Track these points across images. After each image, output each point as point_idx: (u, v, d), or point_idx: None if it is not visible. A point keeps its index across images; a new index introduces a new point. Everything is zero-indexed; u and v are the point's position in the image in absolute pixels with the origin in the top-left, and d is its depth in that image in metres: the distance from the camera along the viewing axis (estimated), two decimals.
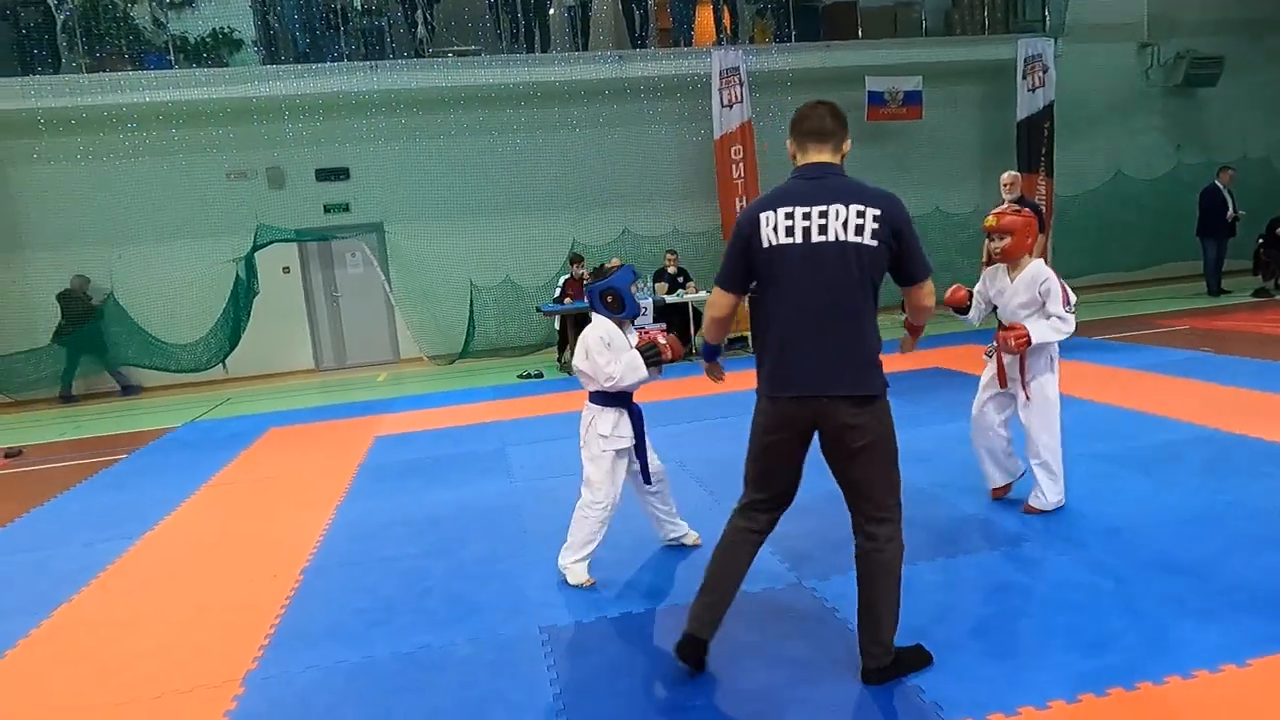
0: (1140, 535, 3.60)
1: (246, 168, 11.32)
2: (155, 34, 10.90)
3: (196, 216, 11.14)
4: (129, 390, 11.01)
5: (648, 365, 3.48)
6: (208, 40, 10.88)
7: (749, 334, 10.80)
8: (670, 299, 9.94)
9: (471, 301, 11.56)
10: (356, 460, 6.21)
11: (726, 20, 12.34)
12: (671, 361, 3.54)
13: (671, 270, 10.50)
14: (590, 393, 3.61)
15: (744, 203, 11.81)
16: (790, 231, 2.42)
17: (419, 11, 11.35)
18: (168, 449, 7.30)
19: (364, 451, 6.48)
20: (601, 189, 12.15)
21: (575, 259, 10.44)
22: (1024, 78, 12.46)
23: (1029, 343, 3.74)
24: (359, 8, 11.42)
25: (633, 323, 3.70)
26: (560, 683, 2.80)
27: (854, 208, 2.40)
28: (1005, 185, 8.21)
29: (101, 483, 6.26)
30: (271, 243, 10.89)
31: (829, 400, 2.46)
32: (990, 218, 3.88)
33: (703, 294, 10.29)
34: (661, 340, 3.53)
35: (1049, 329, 3.77)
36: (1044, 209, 11.86)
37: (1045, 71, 12.43)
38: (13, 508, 5.67)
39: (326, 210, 11.61)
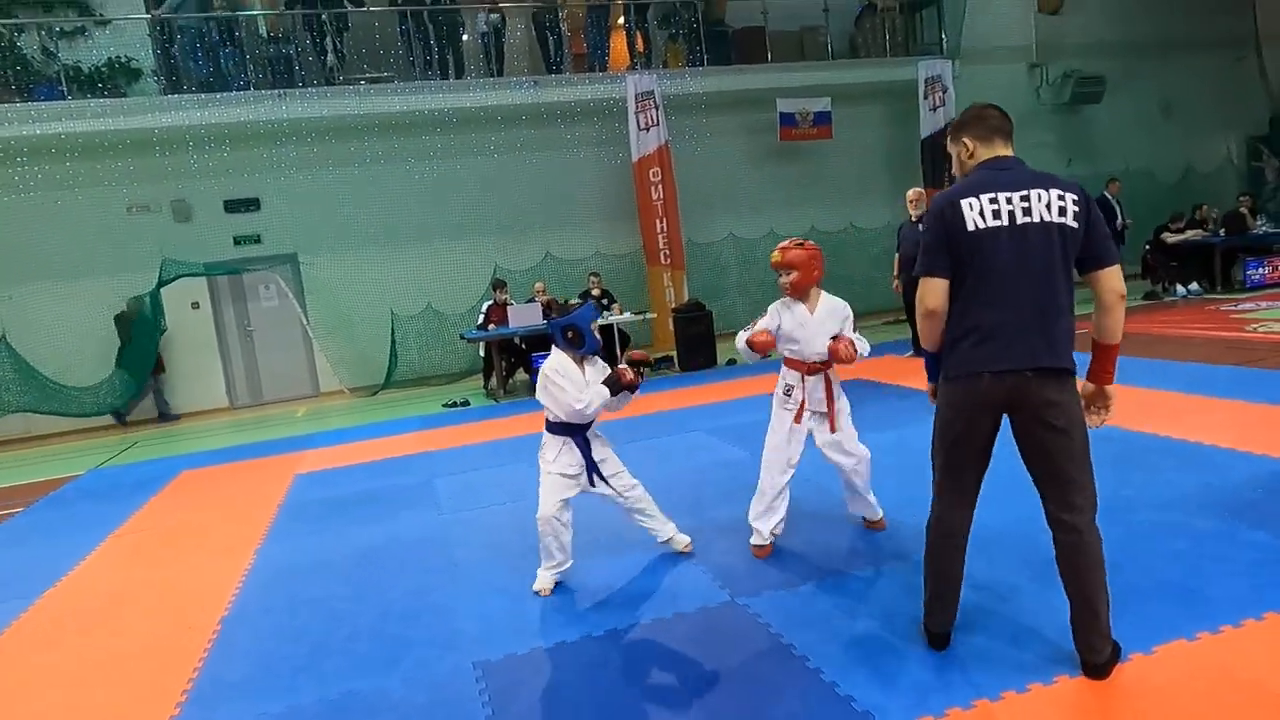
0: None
1: (149, 201, 10.89)
2: (45, 64, 10.42)
3: (97, 253, 10.64)
4: (165, 418, 10.80)
5: (613, 394, 3.65)
6: (103, 70, 10.46)
7: (675, 354, 10.81)
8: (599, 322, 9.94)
9: (393, 331, 11.34)
10: (276, 500, 5.98)
11: (640, 44, 12.54)
12: (633, 385, 3.69)
13: (596, 293, 10.52)
14: (546, 420, 3.77)
15: (664, 224, 11.98)
16: (996, 214, 2.50)
17: (328, 39, 11.17)
18: (70, 499, 6.90)
19: (284, 491, 6.25)
20: (522, 213, 12.13)
21: (498, 284, 10.38)
22: (925, 97, 13.04)
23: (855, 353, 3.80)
24: (265, 35, 11.16)
25: (591, 358, 3.81)
26: (496, 718, 2.74)
27: (1054, 191, 2.50)
28: (911, 201, 8.54)
29: None
30: (178, 278, 10.47)
31: (1033, 375, 2.47)
32: (775, 253, 3.85)
33: (627, 315, 10.35)
34: (625, 369, 3.71)
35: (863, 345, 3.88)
36: None
37: (945, 91, 13.03)
38: None
39: (237, 242, 11.25)
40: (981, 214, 2.51)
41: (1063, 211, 2.49)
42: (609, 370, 3.79)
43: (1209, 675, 2.54)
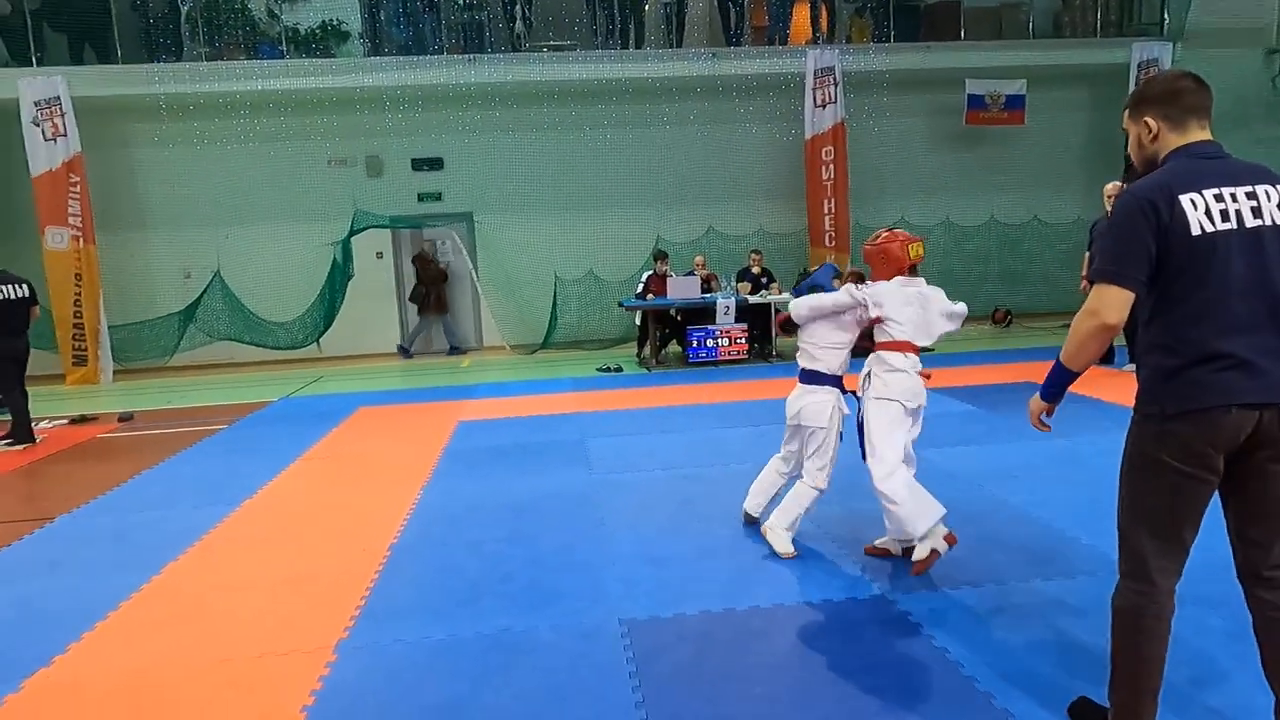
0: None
1: (347, 155, 11.75)
2: (270, 25, 11.41)
3: (299, 201, 11.63)
4: (455, 351, 11.97)
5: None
6: (317, 32, 11.34)
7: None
8: (753, 299, 9.86)
9: (555, 293, 11.73)
10: (441, 443, 6.38)
11: (824, 19, 12.17)
12: None
13: (755, 270, 10.41)
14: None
15: (832, 205, 11.65)
16: (1225, 216, 2.04)
17: (517, 6, 11.56)
18: (265, 422, 7.66)
19: (448, 435, 6.65)
20: (689, 186, 12.16)
21: (659, 255, 10.46)
22: (1137, 83, 11.88)
23: None
24: (460, 2, 11.70)
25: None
26: (639, 676, 2.82)
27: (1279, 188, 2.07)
28: (1109, 196, 7.88)
29: (205, 450, 6.61)
30: (367, 228, 11.28)
31: None
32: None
33: (785, 295, 10.18)
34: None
35: None
36: None
37: None
38: (125, 469, 6.04)
39: (420, 199, 11.96)
40: (1209, 214, 2.02)
41: None
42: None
43: None
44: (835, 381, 3.86)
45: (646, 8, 12.00)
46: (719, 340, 9.59)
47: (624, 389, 8.47)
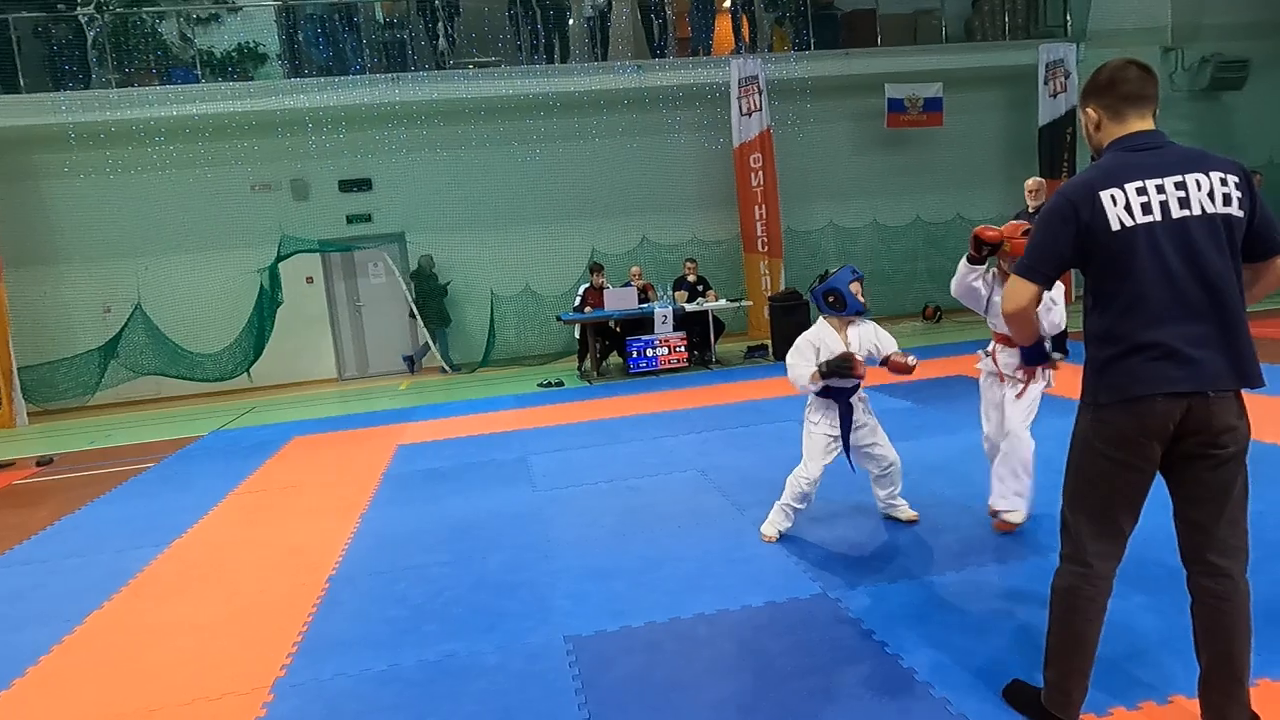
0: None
1: (271, 179, 11.49)
2: (183, 49, 11.11)
3: (222, 228, 11.31)
4: (455, 369, 11.58)
5: (837, 375, 3.73)
6: (233, 55, 11.08)
7: (769, 342, 10.73)
8: (690, 307, 9.94)
9: (492, 310, 11.64)
10: (380, 469, 6.25)
11: (745, 29, 12.37)
12: (864, 368, 3.76)
13: (691, 279, 10.50)
14: None
15: (763, 211, 11.83)
16: (1147, 208, 2.06)
17: (440, 24, 11.48)
18: (194, 457, 7.40)
19: (387, 460, 6.53)
20: (621, 198, 12.22)
21: (595, 268, 10.48)
22: (1045, 83, 12.40)
23: None
24: (381, 21, 11.56)
25: (860, 320, 3.93)
26: (585, 692, 2.80)
27: (1215, 175, 2.06)
28: (1030, 192, 8.18)
29: (131, 490, 6.35)
30: (295, 253, 11.03)
31: (1215, 397, 2.05)
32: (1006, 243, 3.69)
33: (722, 302, 10.29)
34: (858, 358, 3.76)
35: None
36: None
37: (1067, 77, 12.36)
38: (45, 515, 5.76)
39: (349, 221, 11.76)
40: (1128, 208, 2.06)
41: (1227, 200, 2.06)
42: (880, 333, 3.96)
43: None
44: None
45: (570, 22, 12.04)
46: (659, 350, 9.64)
47: (566, 403, 8.43)
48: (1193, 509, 2.15)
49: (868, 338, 3.91)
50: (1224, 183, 2.06)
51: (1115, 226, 2.08)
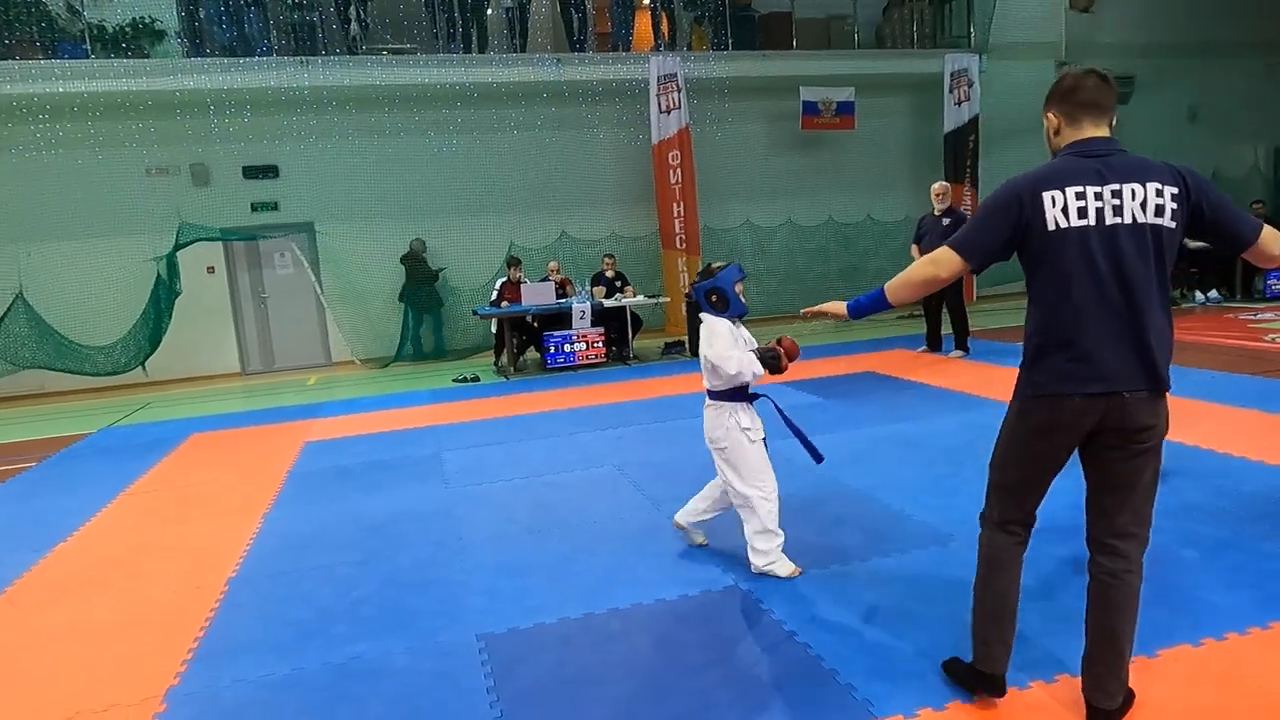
0: (1067, 533, 3.74)
1: (169, 164, 10.91)
2: (70, 22, 10.41)
3: (115, 213, 10.68)
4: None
5: (767, 369, 3.47)
6: (127, 30, 10.44)
7: (686, 339, 10.77)
8: (608, 303, 9.94)
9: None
10: (285, 467, 6.03)
11: (665, 27, 12.44)
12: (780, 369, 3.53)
13: (609, 274, 10.50)
14: (711, 392, 3.55)
15: (681, 208, 11.92)
16: (1083, 213, 2.16)
17: (352, 7, 11.12)
18: (83, 456, 6.97)
19: (293, 458, 6.29)
20: (539, 192, 12.11)
21: (513, 261, 10.36)
22: (950, 91, 12.90)
23: None
24: (289, 2, 11.12)
25: (738, 322, 3.63)
26: (498, 691, 2.77)
27: (1151, 186, 2.16)
28: (936, 195, 8.49)
29: (8, 492, 5.93)
30: (195, 241, 10.51)
31: (1130, 396, 2.17)
32: None
33: (640, 298, 10.33)
34: (781, 349, 3.52)
35: None
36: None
37: (970, 86, 12.89)
38: None
39: (254, 209, 11.28)
40: (1065, 210, 2.17)
41: (1160, 211, 2.15)
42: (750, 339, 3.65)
43: (1213, 682, 2.53)
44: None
45: (489, 12, 11.85)
46: (576, 345, 9.60)
47: (481, 399, 8.31)
48: (1102, 494, 2.31)
49: (744, 335, 3.69)
50: (1159, 194, 2.16)
51: (1050, 226, 2.19)
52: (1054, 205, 2.19)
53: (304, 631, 3.32)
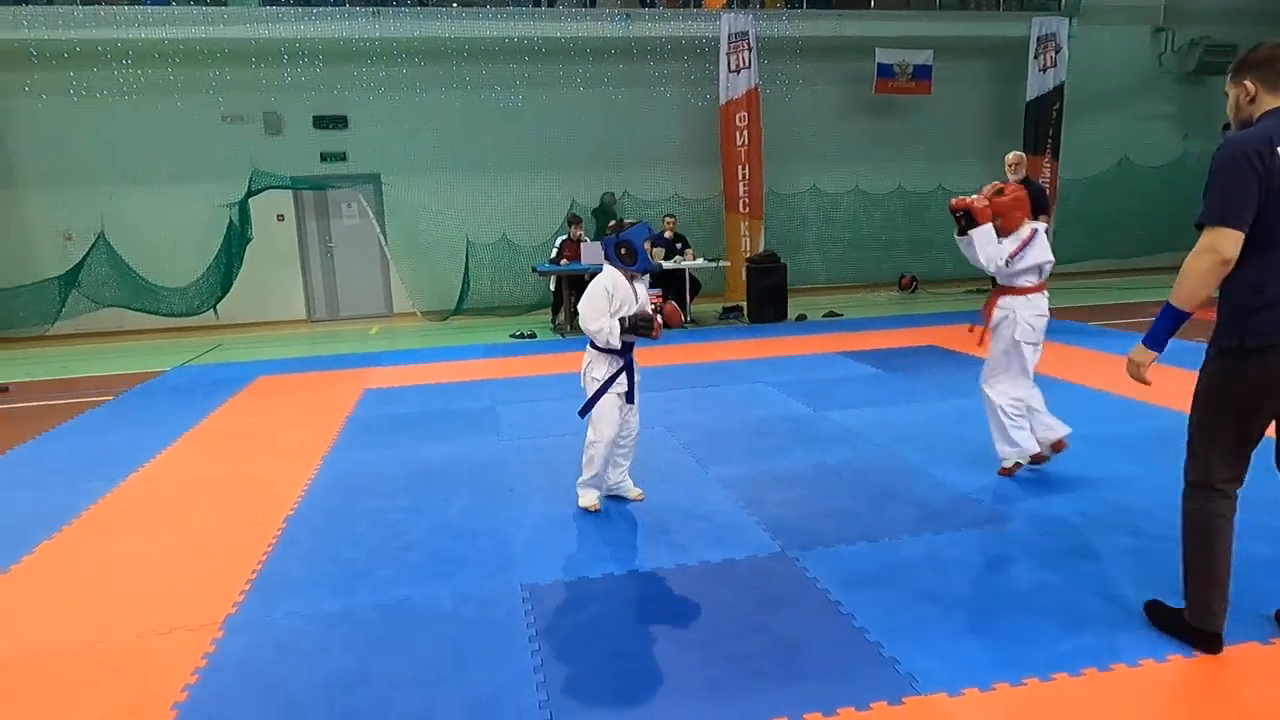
0: (1126, 520, 3.61)
1: (243, 111, 11.14)
2: None
3: (191, 159, 10.98)
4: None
5: (635, 334, 3.71)
6: None
7: (745, 304, 10.65)
8: (668, 265, 9.86)
9: (467, 258, 11.47)
10: (345, 412, 6.18)
11: None
12: (662, 330, 3.74)
13: (669, 235, 10.40)
14: (590, 341, 3.81)
15: (746, 171, 11.71)
16: None
17: None
18: (156, 392, 7.26)
19: (353, 404, 6.45)
20: (603, 150, 12.02)
21: (574, 220, 10.33)
22: (1036, 57, 12.32)
23: None
24: None
25: (642, 277, 3.88)
26: (539, 640, 2.80)
27: None
28: (1010, 165, 8.13)
29: (87, 423, 6.22)
30: (266, 189, 10.76)
31: None
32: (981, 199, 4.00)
33: (700, 261, 10.22)
34: (655, 315, 3.74)
35: None
36: (1048, 191, 11.77)
37: (1058, 51, 12.28)
38: None
39: (323, 159, 11.46)
40: None
41: None
42: (651, 299, 3.90)
43: None
44: None
45: None
46: None
47: (537, 355, 8.38)
48: None
49: (646, 294, 3.88)
50: None
51: None
52: None
53: (355, 571, 3.42)
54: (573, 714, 2.39)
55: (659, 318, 3.75)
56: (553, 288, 10.31)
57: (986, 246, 3.98)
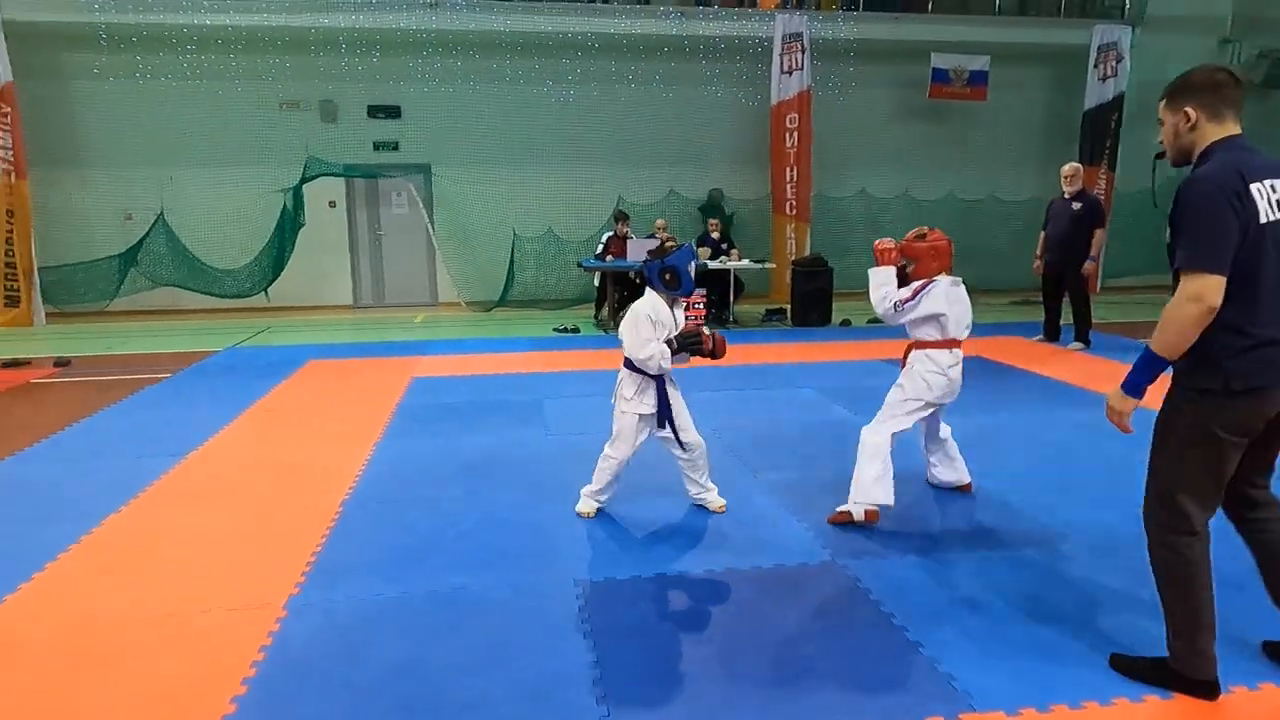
0: None
1: (301, 98, 11.35)
2: None
3: (248, 144, 11.21)
4: None
5: (687, 351, 3.72)
6: None
7: (789, 306, 10.59)
8: (714, 265, 9.86)
9: (513, 250, 11.56)
10: (394, 399, 6.28)
11: None
12: (712, 345, 3.73)
13: (715, 235, 10.39)
14: (625, 356, 3.78)
15: (795, 173, 11.66)
16: (1273, 207, 2.22)
17: None
18: (211, 372, 7.44)
19: (401, 391, 6.55)
20: (652, 147, 12.04)
21: (620, 216, 10.38)
22: (1096, 65, 12.09)
23: None
24: None
25: (680, 301, 3.86)
26: (593, 635, 2.84)
27: None
28: (1066, 177, 8.03)
29: (146, 399, 6.40)
30: (319, 175, 10.95)
31: None
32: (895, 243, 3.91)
33: (745, 262, 10.20)
34: (705, 332, 3.73)
35: None
36: (1103, 203, 11.55)
37: (1119, 61, 12.04)
38: (62, 415, 5.83)
39: (376, 148, 11.63)
40: (1272, 204, 2.20)
41: None
42: (690, 322, 3.87)
43: None
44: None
45: None
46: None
47: (581, 350, 8.43)
48: (1253, 467, 2.42)
49: (683, 318, 3.85)
50: None
51: (1264, 219, 2.20)
52: (1261, 197, 2.20)
53: (410, 558, 3.48)
54: (628, 710, 2.42)
55: (709, 339, 3.71)
56: (596, 283, 10.36)
57: (876, 290, 3.82)
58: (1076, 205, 7.88)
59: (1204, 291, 2.18)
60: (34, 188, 10.28)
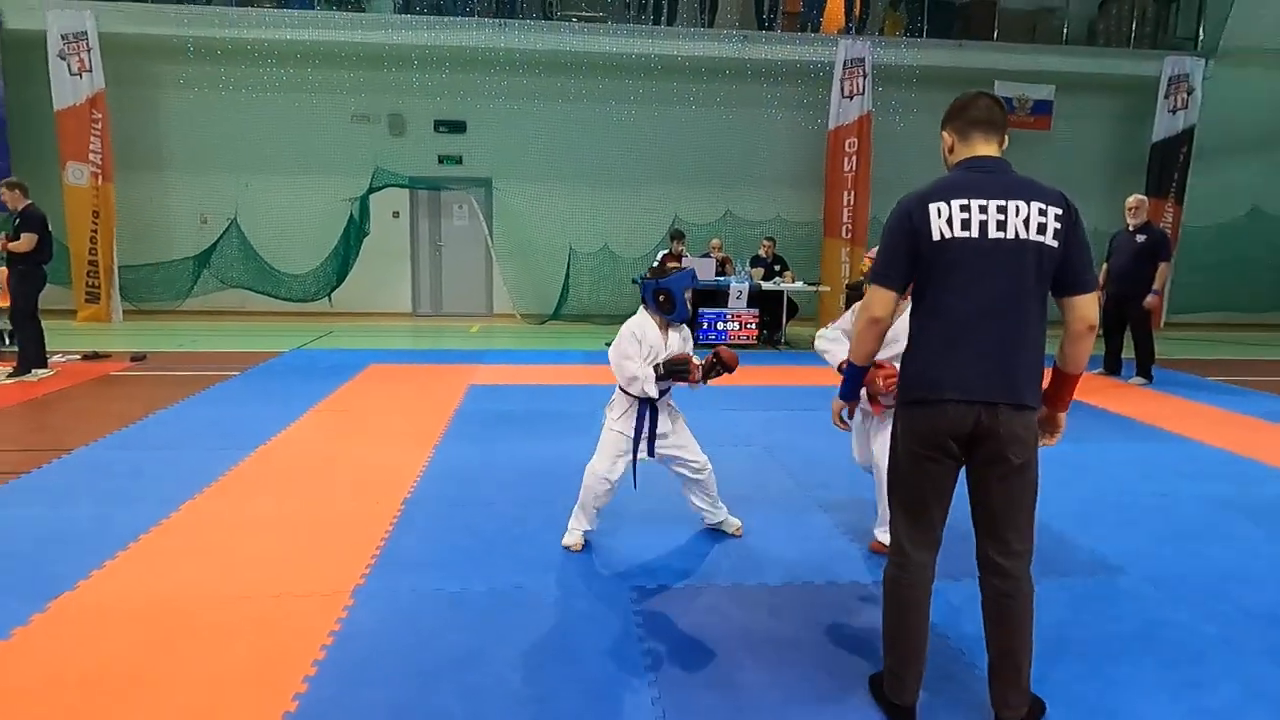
0: (1246, 584, 3.48)
1: (371, 112, 11.75)
2: None
3: (320, 154, 11.63)
4: None
5: (673, 378, 3.54)
6: None
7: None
8: (767, 286, 9.90)
9: (569, 265, 11.76)
10: (452, 405, 6.44)
11: (858, 9, 12.11)
12: (701, 376, 3.56)
13: (767, 257, 10.43)
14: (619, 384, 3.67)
15: (852, 197, 11.66)
16: (966, 225, 2.21)
17: None
18: (277, 372, 7.72)
19: (459, 397, 6.72)
20: (709, 168, 12.16)
21: (676, 235, 10.48)
22: (1166, 97, 11.88)
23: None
24: None
25: (678, 326, 3.68)
26: (649, 640, 2.90)
27: (1035, 205, 2.22)
28: (1130, 209, 7.91)
29: (217, 395, 6.67)
30: (386, 186, 11.31)
31: (1002, 407, 2.22)
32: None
33: (799, 284, 10.21)
34: (692, 359, 3.55)
35: None
36: (1169, 237, 11.31)
37: (1190, 93, 11.82)
38: (139, 407, 6.11)
39: (440, 161, 11.96)
40: (950, 221, 2.21)
41: (1042, 229, 2.21)
42: (689, 338, 3.71)
43: None
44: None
45: None
46: (730, 324, 9.65)
47: None
48: (981, 509, 2.35)
49: (681, 341, 3.66)
50: (1043, 213, 2.22)
51: (935, 236, 2.24)
52: (939, 216, 2.23)
53: (471, 557, 3.59)
54: (683, 713, 2.48)
55: (699, 361, 3.55)
56: None
57: (834, 346, 3.82)
58: (1140, 238, 7.75)
59: (869, 301, 2.35)
60: (118, 190, 10.80)
